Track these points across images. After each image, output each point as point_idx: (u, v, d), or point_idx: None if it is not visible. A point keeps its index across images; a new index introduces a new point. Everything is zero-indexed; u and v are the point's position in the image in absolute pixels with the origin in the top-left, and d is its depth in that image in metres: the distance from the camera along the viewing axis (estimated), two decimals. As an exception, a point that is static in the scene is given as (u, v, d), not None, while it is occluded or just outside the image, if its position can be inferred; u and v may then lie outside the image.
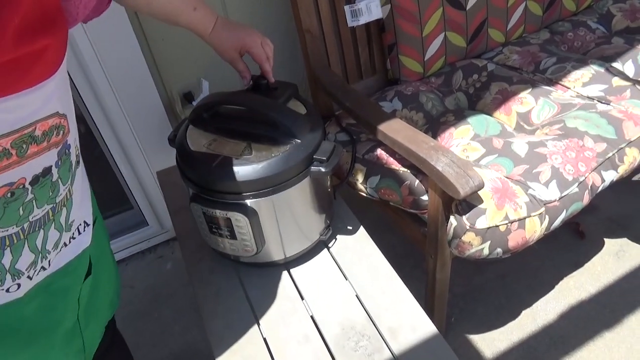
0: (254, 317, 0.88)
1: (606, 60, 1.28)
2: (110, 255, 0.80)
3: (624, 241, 1.47)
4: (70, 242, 0.59)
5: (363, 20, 1.25)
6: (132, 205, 1.56)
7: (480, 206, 0.88)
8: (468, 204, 0.89)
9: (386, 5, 1.24)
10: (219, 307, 0.91)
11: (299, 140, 0.82)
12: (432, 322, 0.83)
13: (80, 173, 0.59)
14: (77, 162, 0.57)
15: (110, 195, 1.54)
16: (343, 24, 1.25)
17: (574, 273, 1.40)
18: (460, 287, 1.41)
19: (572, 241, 1.49)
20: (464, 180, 0.81)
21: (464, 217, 0.88)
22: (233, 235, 0.85)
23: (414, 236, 1.10)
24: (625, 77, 1.21)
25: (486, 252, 0.90)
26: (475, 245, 0.89)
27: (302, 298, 0.90)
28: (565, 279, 1.39)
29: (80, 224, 0.61)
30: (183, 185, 0.88)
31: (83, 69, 1.21)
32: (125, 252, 1.57)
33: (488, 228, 0.88)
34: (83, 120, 1.35)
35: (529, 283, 1.40)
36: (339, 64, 1.29)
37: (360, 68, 1.34)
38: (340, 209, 1.07)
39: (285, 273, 0.95)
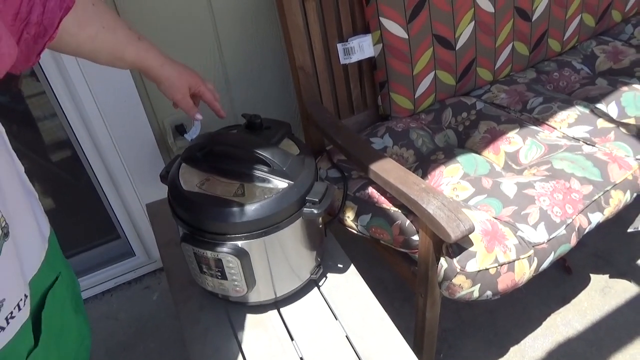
0: (243, 358, 0.87)
1: (591, 101, 1.31)
2: (74, 315, 0.65)
3: (610, 277, 1.48)
4: (8, 324, 0.48)
5: (355, 58, 1.27)
6: (119, 235, 1.55)
7: (471, 249, 0.89)
8: (459, 246, 0.89)
9: (378, 44, 1.26)
10: (206, 348, 0.89)
11: (291, 182, 0.82)
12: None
13: (9, 247, 0.47)
14: (5, 235, 0.46)
15: (97, 225, 1.52)
16: (335, 62, 1.27)
17: (561, 309, 1.41)
18: (449, 322, 1.40)
19: (559, 276, 1.50)
20: (454, 224, 0.82)
21: (455, 260, 0.89)
22: (224, 276, 0.85)
23: (404, 274, 1.10)
24: (609, 118, 1.24)
25: (476, 294, 0.90)
26: (465, 288, 0.89)
27: (292, 339, 0.90)
28: (553, 315, 1.40)
29: (14, 304, 0.49)
30: (172, 219, 0.88)
31: (72, 95, 1.21)
32: (111, 283, 1.54)
33: (478, 271, 0.88)
34: (70, 146, 1.34)
35: (517, 318, 1.40)
36: (331, 100, 1.31)
37: (352, 104, 1.36)
38: (330, 246, 1.07)
39: (275, 312, 0.94)
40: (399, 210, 1.01)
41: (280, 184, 0.82)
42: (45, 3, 0.52)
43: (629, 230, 1.59)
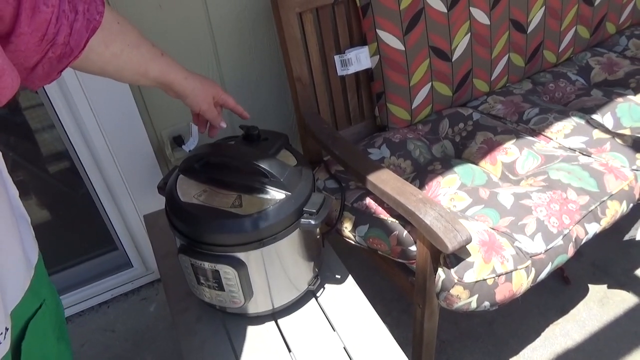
0: (240, 370, 0.86)
1: (586, 112, 1.32)
2: (55, 343, 0.63)
3: (608, 287, 1.48)
4: None
5: (352, 69, 1.28)
6: (116, 246, 1.54)
7: (468, 259, 0.89)
8: (456, 257, 0.89)
9: (375, 56, 1.27)
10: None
11: (289, 193, 0.82)
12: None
13: None
14: None
15: (95, 236, 1.52)
16: (333, 73, 1.28)
17: (560, 320, 1.41)
18: (447, 333, 1.40)
19: (557, 287, 1.50)
20: (452, 235, 0.82)
21: (452, 271, 0.89)
22: (221, 287, 0.85)
23: (402, 284, 1.10)
24: (605, 129, 1.25)
25: (474, 305, 0.90)
26: (463, 299, 0.89)
27: (290, 350, 0.89)
28: (551, 326, 1.39)
29: None
30: (170, 230, 0.87)
31: (71, 108, 1.21)
32: (108, 295, 1.53)
33: (476, 282, 0.88)
34: (68, 157, 1.34)
35: (515, 329, 1.39)
36: (329, 111, 1.32)
37: (349, 114, 1.36)
38: (328, 256, 1.07)
39: (272, 324, 0.94)
40: (397, 221, 1.01)
41: (278, 195, 0.82)
42: (73, 24, 0.51)
43: (625, 239, 1.60)
